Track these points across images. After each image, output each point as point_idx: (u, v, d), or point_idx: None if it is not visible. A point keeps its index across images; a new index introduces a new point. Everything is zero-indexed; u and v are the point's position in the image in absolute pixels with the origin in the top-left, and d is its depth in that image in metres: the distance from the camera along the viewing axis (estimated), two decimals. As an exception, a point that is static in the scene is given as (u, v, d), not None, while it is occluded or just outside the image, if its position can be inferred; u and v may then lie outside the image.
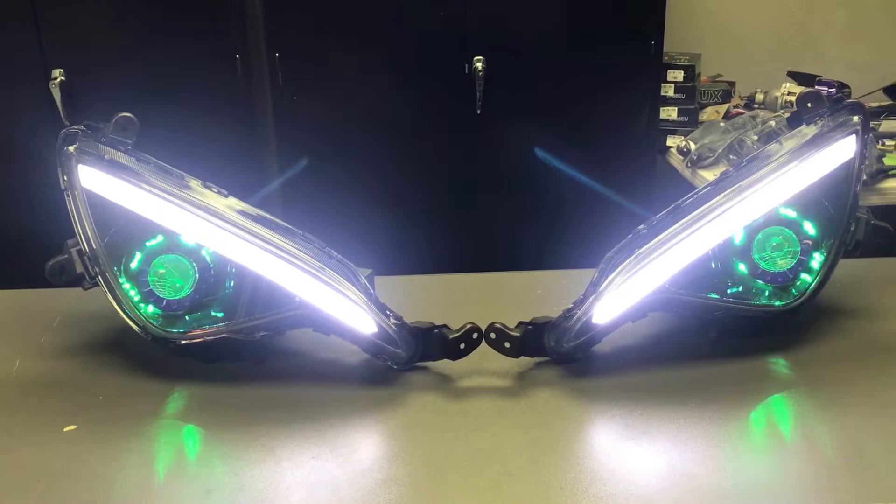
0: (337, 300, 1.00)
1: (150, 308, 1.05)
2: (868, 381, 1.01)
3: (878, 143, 2.64)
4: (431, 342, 1.02)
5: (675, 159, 2.80)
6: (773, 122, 2.76)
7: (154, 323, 1.04)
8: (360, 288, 1.01)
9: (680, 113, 2.92)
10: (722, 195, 1.03)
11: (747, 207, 1.03)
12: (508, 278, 1.36)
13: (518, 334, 1.02)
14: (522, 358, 1.04)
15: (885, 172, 2.45)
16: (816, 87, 2.93)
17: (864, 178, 2.49)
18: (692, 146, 2.71)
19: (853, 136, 1.07)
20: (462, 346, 1.02)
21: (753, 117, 2.80)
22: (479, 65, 2.66)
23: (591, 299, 1.01)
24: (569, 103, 2.72)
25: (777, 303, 1.07)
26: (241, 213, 1.02)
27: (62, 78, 2.58)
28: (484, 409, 0.97)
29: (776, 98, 3.03)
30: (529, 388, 1.01)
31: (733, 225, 1.04)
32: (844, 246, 1.08)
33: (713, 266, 1.07)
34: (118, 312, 1.04)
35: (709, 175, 2.57)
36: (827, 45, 3.29)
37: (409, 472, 0.87)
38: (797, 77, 3.08)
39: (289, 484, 0.85)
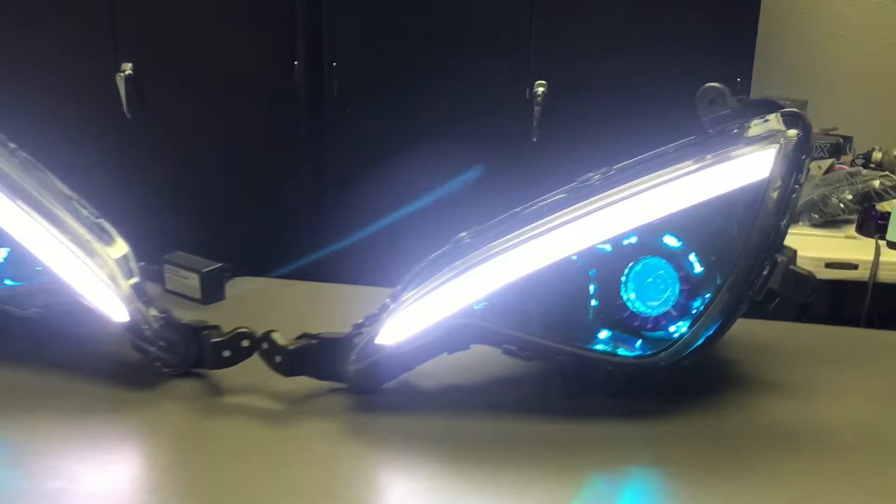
0: (87, 278, 0.85)
1: None
2: (723, 472, 0.75)
3: None
4: (199, 345, 0.86)
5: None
6: (876, 182, 2.40)
7: None
8: (124, 270, 0.86)
9: (769, 162, 2.59)
10: (573, 207, 0.81)
11: (600, 223, 0.80)
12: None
13: (292, 348, 0.83)
14: (315, 382, 0.86)
15: None
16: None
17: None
18: (772, 200, 2.38)
19: (771, 151, 0.81)
20: (226, 353, 0.84)
21: (852, 174, 2.44)
22: (540, 90, 2.47)
23: (382, 315, 0.81)
24: (632, 137, 2.47)
25: (627, 353, 0.82)
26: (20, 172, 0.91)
27: (130, 72, 2.63)
28: (223, 434, 0.79)
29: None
30: (302, 415, 0.82)
31: (577, 244, 0.81)
32: (750, 291, 0.82)
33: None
34: None
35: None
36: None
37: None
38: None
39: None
